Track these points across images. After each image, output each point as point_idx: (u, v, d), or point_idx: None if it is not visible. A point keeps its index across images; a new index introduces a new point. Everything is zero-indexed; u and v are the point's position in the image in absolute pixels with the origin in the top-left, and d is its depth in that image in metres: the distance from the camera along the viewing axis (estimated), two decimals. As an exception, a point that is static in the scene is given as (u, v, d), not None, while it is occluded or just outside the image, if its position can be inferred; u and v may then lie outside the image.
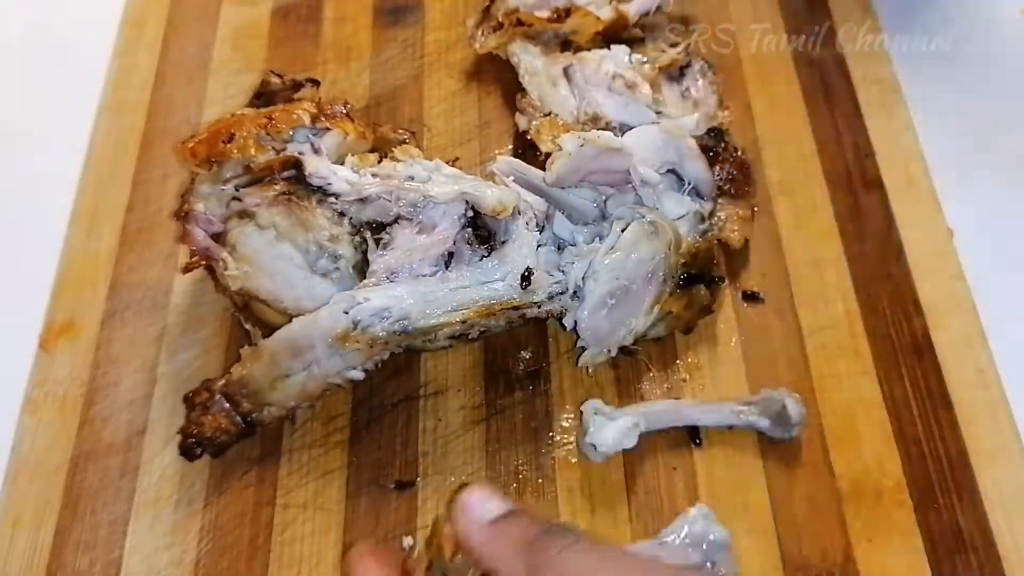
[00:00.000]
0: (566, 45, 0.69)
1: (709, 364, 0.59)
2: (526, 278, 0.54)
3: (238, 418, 0.54)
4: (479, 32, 0.71)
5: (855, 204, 0.65)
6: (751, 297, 0.61)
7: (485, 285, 0.54)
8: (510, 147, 0.69)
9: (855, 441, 0.56)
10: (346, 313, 0.52)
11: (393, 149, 0.57)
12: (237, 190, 0.55)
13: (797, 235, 0.64)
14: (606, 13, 0.68)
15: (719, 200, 0.61)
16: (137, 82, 0.74)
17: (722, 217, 0.61)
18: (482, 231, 0.55)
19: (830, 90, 0.70)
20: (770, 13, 0.75)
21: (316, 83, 0.63)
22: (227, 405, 0.54)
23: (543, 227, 0.56)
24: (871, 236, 0.63)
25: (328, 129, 0.56)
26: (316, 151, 0.56)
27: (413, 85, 0.72)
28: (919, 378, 0.58)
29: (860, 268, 0.62)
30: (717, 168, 0.62)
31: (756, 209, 0.63)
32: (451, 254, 0.54)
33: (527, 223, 0.55)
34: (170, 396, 0.59)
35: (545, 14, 0.68)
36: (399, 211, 0.54)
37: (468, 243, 0.54)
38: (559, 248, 0.56)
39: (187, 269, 0.56)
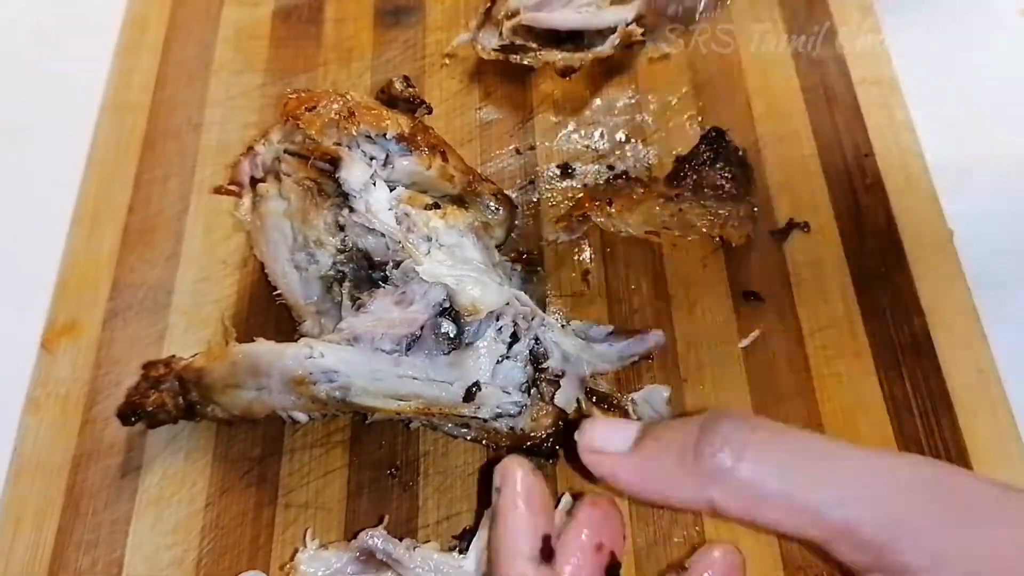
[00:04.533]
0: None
1: (709, 364, 0.59)
2: (471, 392, 0.51)
3: (182, 402, 0.54)
4: (480, 34, 0.71)
5: (855, 204, 0.65)
6: (751, 297, 0.61)
7: (433, 383, 0.51)
8: (511, 147, 0.69)
9: (856, 441, 0.55)
10: (307, 359, 0.51)
11: (444, 206, 0.55)
12: (286, 152, 0.55)
13: (797, 235, 0.63)
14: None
15: (721, 201, 0.61)
16: (139, 83, 0.74)
17: (723, 214, 0.61)
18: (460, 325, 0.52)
19: (830, 90, 0.70)
20: (770, 13, 0.75)
21: (429, 110, 0.61)
22: (177, 387, 0.54)
23: (519, 338, 0.52)
24: (871, 236, 0.63)
25: (411, 152, 0.56)
26: (384, 164, 0.55)
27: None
28: (919, 378, 0.58)
29: (860, 268, 0.62)
30: (718, 168, 0.62)
31: (756, 209, 0.63)
32: (416, 338, 0.52)
33: (499, 330, 0.52)
34: (172, 396, 0.59)
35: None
36: (390, 272, 0.53)
37: (435, 334, 0.52)
38: (536, 362, 0.53)
39: (217, 190, 0.59)
